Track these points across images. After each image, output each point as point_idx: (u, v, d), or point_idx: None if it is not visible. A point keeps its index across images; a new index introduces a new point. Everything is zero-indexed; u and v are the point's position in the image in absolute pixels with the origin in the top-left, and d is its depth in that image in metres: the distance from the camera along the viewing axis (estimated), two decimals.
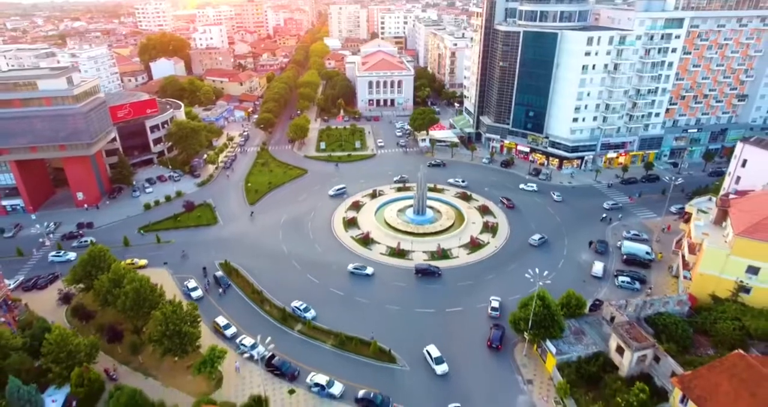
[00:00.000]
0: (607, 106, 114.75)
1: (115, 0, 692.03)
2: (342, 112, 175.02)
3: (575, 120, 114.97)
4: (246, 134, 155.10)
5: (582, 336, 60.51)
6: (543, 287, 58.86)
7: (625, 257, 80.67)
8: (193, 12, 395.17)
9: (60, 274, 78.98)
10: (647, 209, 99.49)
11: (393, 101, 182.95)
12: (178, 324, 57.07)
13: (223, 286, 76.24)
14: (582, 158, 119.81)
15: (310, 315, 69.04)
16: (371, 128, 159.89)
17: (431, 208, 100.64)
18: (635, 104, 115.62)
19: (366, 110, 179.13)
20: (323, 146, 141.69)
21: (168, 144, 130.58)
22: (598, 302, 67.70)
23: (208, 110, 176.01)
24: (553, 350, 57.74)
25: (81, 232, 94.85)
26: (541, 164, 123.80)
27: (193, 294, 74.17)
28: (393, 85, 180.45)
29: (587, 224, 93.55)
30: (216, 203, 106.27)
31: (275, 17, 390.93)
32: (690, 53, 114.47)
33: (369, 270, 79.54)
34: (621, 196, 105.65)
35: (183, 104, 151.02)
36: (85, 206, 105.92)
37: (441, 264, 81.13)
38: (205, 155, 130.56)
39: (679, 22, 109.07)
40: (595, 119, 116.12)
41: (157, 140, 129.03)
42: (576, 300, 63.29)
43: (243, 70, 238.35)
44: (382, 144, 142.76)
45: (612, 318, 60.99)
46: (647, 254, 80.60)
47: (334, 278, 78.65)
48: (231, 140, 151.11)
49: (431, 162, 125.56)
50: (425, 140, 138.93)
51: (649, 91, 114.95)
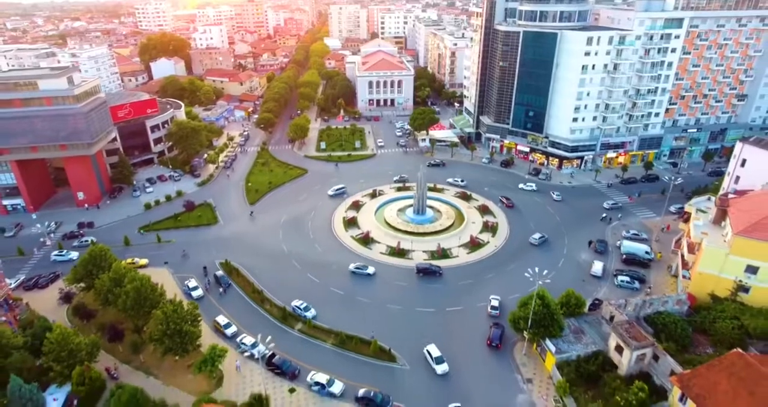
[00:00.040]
0: (607, 106, 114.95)
1: (115, 0, 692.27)
2: (342, 112, 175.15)
3: (575, 120, 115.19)
4: (246, 133, 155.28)
5: (581, 335, 60.69)
6: (542, 286, 59.05)
7: (625, 256, 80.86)
8: (193, 12, 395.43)
9: (61, 273, 79.22)
10: (647, 208, 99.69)
11: (393, 101, 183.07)
12: (178, 323, 57.29)
13: (224, 285, 76.45)
14: (582, 157, 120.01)
15: (310, 314, 69.24)
16: (371, 128, 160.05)
17: (431, 208, 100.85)
18: (635, 104, 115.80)
19: (366, 109, 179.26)
20: (323, 145, 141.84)
21: (168, 144, 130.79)
22: (597, 302, 67.85)
23: (208, 110, 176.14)
24: (553, 349, 57.93)
25: (82, 231, 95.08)
26: (541, 164, 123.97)
27: (194, 294, 74.39)
28: (393, 85, 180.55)
29: (587, 224, 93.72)
30: (216, 203, 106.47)
31: (275, 17, 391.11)
32: (689, 53, 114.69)
33: (370, 270, 79.71)
34: (620, 196, 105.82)
35: (183, 104, 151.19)
36: (86, 205, 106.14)
37: (441, 264, 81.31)
38: (206, 155, 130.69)
39: (679, 22, 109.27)
40: (595, 119, 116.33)
41: (158, 140, 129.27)
42: (575, 299, 63.55)
43: (243, 70, 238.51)
44: (382, 144, 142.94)
45: (611, 317, 61.22)
46: (647, 253, 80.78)
47: (334, 277, 78.85)
48: (231, 139, 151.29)
49: (431, 162, 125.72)
50: (425, 139, 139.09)
51: (649, 91, 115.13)
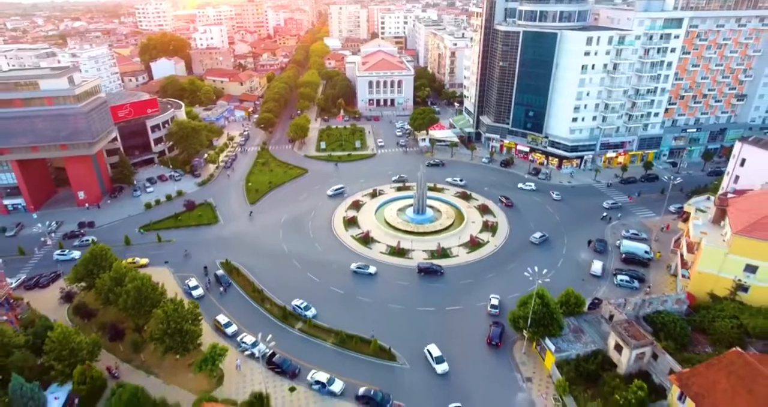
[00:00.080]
0: (607, 105, 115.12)
1: (115, 0, 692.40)
2: (342, 112, 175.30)
3: (575, 120, 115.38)
4: (246, 133, 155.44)
5: (581, 334, 60.86)
6: (542, 285, 59.21)
7: (624, 256, 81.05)
8: (194, 12, 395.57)
9: (62, 273, 79.39)
10: (646, 208, 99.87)
11: (393, 101, 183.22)
12: (179, 322, 57.43)
13: (224, 285, 76.62)
14: (581, 157, 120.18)
15: (310, 313, 69.42)
16: (371, 128, 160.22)
17: (431, 207, 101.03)
18: (634, 104, 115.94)
19: (366, 109, 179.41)
20: (323, 145, 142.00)
21: (169, 144, 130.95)
22: (597, 301, 68.02)
23: (208, 110, 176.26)
24: (552, 348, 58.09)
25: (82, 231, 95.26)
26: (541, 164, 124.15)
27: (194, 293, 74.55)
28: (393, 85, 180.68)
29: (586, 224, 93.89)
30: (217, 203, 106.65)
31: (275, 17, 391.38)
32: (689, 53, 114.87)
33: (372, 269, 79.87)
34: (620, 195, 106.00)
35: (183, 104, 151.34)
36: (87, 205, 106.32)
37: (441, 263, 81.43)
38: (206, 155, 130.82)
39: (678, 22, 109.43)
40: (595, 119, 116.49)
41: (158, 140, 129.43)
42: (575, 299, 63.71)
43: (243, 70, 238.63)
44: (382, 144, 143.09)
45: (611, 317, 61.39)
46: (646, 253, 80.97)
47: (334, 277, 79.02)
48: (231, 139, 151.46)
49: (430, 162, 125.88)
50: (425, 139, 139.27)
51: (649, 91, 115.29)
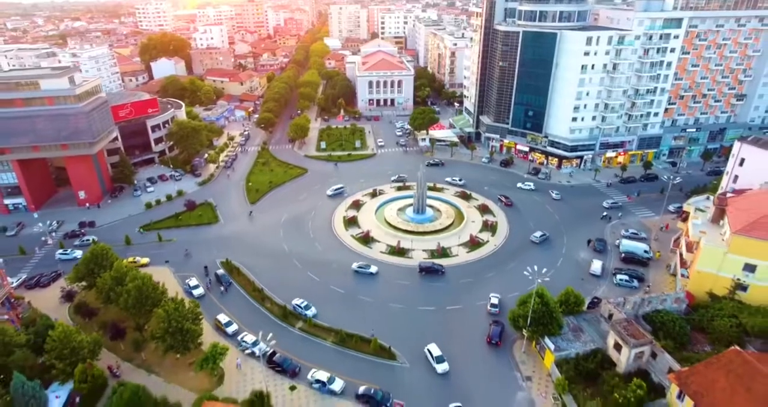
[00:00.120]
0: (606, 105, 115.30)
1: (116, 0, 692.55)
2: (342, 111, 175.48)
3: (574, 119, 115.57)
4: (246, 133, 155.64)
5: (580, 333, 61.06)
6: (542, 284, 59.41)
7: (624, 255, 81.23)
8: (194, 12, 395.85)
9: (62, 272, 79.57)
10: (646, 208, 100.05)
11: (393, 101, 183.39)
12: (180, 322, 57.61)
13: (225, 284, 76.80)
14: (581, 157, 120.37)
15: (310, 312, 69.60)
16: (371, 128, 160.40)
17: (431, 207, 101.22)
18: (634, 104, 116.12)
19: (366, 109, 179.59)
20: (323, 145, 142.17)
21: (169, 143, 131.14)
22: (596, 300, 68.13)
23: (208, 110, 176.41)
24: (552, 347, 58.27)
25: (83, 231, 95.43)
26: (541, 164, 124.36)
27: (195, 292, 74.73)
28: (393, 85, 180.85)
29: (586, 223, 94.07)
30: (217, 202, 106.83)
31: (275, 17, 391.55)
32: (689, 53, 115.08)
33: (373, 269, 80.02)
34: (620, 195, 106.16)
35: (184, 104, 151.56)
36: (87, 205, 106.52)
37: (441, 262, 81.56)
38: (206, 155, 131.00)
39: (678, 22, 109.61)
40: (594, 119, 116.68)
41: (159, 140, 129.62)
42: (574, 298, 63.91)
43: (243, 70, 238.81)
44: (382, 144, 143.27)
45: (610, 316, 61.62)
46: (645, 252, 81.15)
47: (334, 276, 79.20)
48: (232, 139, 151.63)
49: (429, 161, 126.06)
50: (425, 139, 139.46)
51: (648, 91, 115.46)
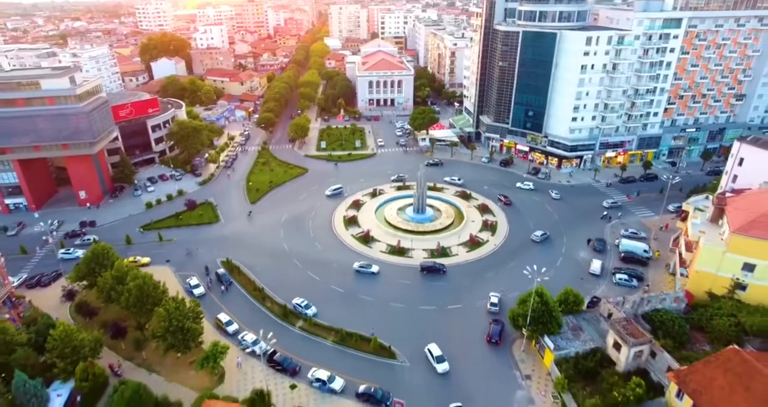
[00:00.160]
0: (606, 105, 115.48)
1: (116, 0, 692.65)
2: (342, 111, 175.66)
3: (574, 119, 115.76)
4: (247, 133, 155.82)
5: (580, 332, 61.27)
6: (541, 284, 59.61)
7: (623, 254, 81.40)
8: (194, 12, 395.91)
9: (63, 271, 79.72)
10: (645, 207, 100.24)
11: (393, 101, 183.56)
12: (181, 321, 57.82)
13: (225, 283, 77.02)
14: (581, 157, 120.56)
15: (310, 311, 69.80)
16: (371, 128, 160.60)
17: (431, 206, 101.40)
18: (634, 104, 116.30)
19: (366, 109, 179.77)
20: (324, 145, 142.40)
21: (169, 143, 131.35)
22: (595, 299, 68.40)
23: (209, 110, 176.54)
24: (551, 346, 58.46)
25: (84, 230, 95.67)
26: (540, 163, 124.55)
27: (196, 291, 74.97)
28: (393, 85, 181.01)
29: (585, 223, 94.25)
30: (217, 202, 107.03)
31: (275, 17, 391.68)
32: (688, 53, 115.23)
33: (374, 268, 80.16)
34: (619, 195, 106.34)
35: (184, 104, 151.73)
36: (88, 204, 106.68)
37: (441, 262, 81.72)
38: (207, 155, 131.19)
39: (678, 22, 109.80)
40: (594, 119, 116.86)
41: (159, 140, 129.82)
42: (574, 297, 64.13)
43: (243, 70, 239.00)
44: (382, 143, 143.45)
45: (609, 315, 61.83)
46: (645, 251, 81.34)
47: (334, 275, 79.40)
48: (232, 139, 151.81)
49: (429, 161, 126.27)
50: (425, 139, 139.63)
51: (648, 91, 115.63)
